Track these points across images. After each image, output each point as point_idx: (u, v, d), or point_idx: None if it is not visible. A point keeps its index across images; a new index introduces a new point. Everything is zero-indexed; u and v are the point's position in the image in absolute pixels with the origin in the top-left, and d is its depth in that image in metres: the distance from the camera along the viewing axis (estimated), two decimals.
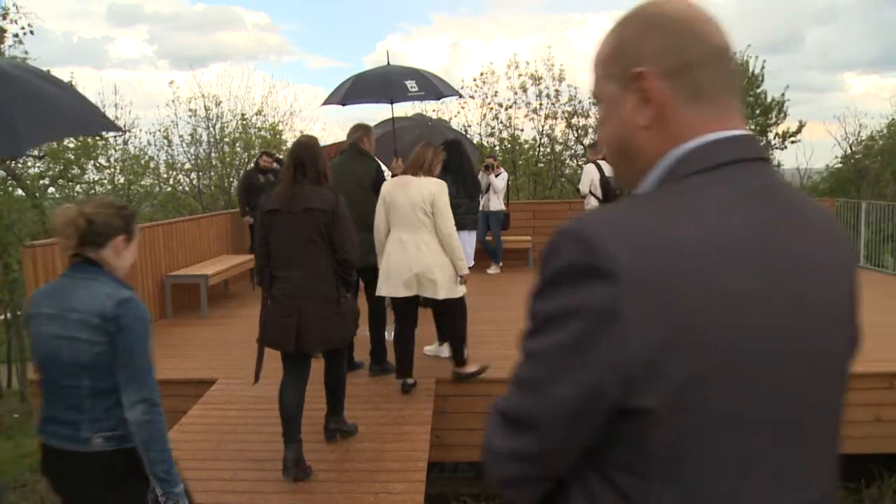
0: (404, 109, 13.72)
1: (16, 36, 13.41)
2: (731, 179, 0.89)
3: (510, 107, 17.22)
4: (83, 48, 57.25)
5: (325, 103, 6.26)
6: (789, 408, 0.88)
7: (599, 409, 0.84)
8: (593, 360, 0.82)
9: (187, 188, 16.89)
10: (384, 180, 5.10)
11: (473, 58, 59.84)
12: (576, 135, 17.16)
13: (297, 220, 3.68)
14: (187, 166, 16.58)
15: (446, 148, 5.32)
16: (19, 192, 14.21)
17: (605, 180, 7.94)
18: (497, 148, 16.98)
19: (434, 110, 15.85)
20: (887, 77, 69.06)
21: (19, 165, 13.21)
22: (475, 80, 17.18)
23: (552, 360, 0.85)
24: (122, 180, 16.06)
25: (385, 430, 4.37)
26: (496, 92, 17.24)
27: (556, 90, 16.87)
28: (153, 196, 16.45)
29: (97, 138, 14.21)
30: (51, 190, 15.54)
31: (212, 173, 16.42)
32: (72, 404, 2.18)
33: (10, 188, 13.90)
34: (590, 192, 8.16)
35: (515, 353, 0.93)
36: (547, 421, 0.87)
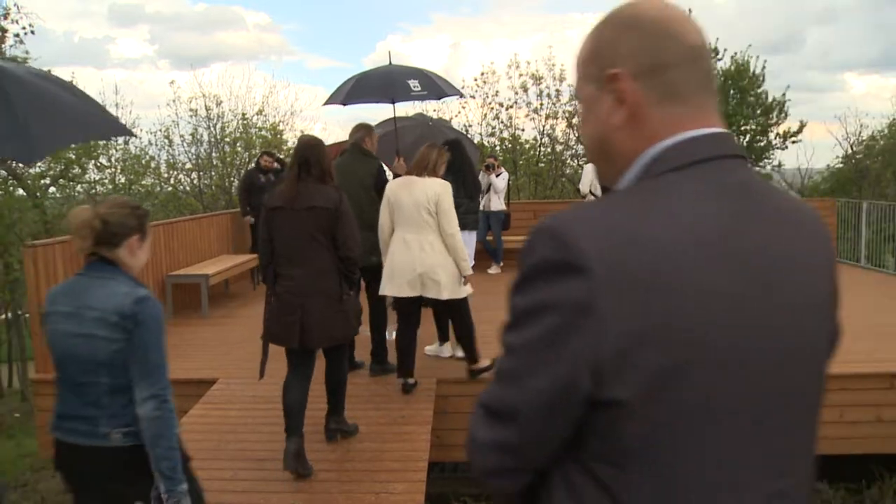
0: (405, 109, 13.72)
1: (17, 36, 13.47)
2: (707, 176, 0.90)
3: (511, 107, 17.25)
4: (84, 48, 57.37)
5: (327, 103, 6.25)
6: (761, 401, 0.89)
7: (574, 401, 0.86)
8: (567, 352, 0.84)
9: (188, 188, 16.91)
10: (386, 180, 5.10)
11: (474, 58, 59.96)
12: (576, 135, 17.13)
13: (301, 218, 3.70)
14: (188, 166, 16.61)
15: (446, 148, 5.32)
16: (20, 191, 14.23)
17: None
18: (498, 148, 16.99)
19: (435, 110, 15.90)
20: (888, 77, 69.06)
21: (20, 165, 13.20)
22: (476, 79, 17.23)
23: (529, 353, 0.88)
24: (122, 180, 16.09)
25: (385, 430, 4.37)
26: (497, 92, 17.28)
27: (557, 90, 16.88)
28: (154, 196, 16.46)
29: None
30: (52, 189, 15.57)
31: (212, 173, 16.44)
32: (90, 401, 2.21)
33: (12, 188, 13.92)
34: (590, 191, 8.15)
35: None
36: (525, 413, 0.89)
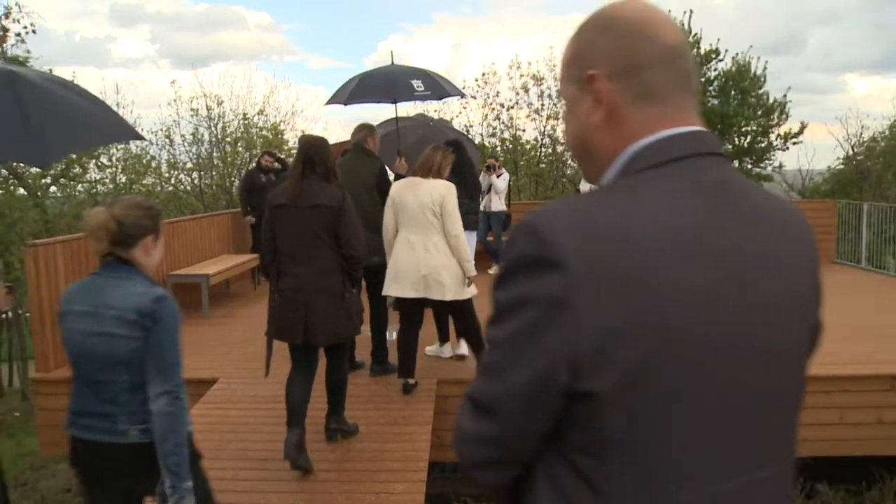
0: (406, 110, 13.75)
1: (18, 35, 13.50)
2: (684, 174, 0.91)
3: (512, 107, 17.25)
4: (85, 48, 57.43)
5: (330, 102, 6.24)
6: (739, 395, 0.90)
7: (553, 394, 0.88)
8: (545, 346, 0.86)
9: (189, 188, 16.93)
10: (388, 180, 5.11)
11: (475, 58, 60.08)
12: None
13: (304, 216, 3.72)
14: (189, 166, 16.63)
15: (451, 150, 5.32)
16: (21, 190, 14.25)
17: None
18: (499, 148, 17.00)
19: (436, 110, 15.90)
20: (889, 78, 69.07)
21: (21, 164, 13.21)
22: (477, 80, 17.24)
23: (509, 347, 0.89)
24: (123, 179, 16.09)
25: (386, 430, 4.38)
26: (498, 92, 17.29)
27: (558, 91, 16.84)
28: (155, 195, 16.46)
29: None
30: (52, 189, 15.58)
31: (213, 173, 16.45)
32: (108, 398, 2.23)
33: (12, 187, 13.93)
34: (590, 192, 8.16)
35: None
36: (506, 405, 0.92)
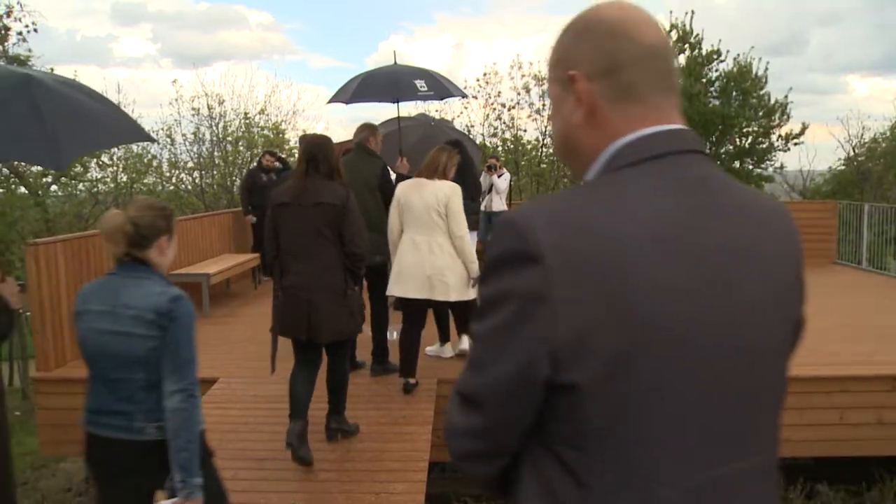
0: (407, 109, 13.72)
1: (20, 34, 13.48)
2: (665, 171, 0.93)
3: (513, 107, 17.22)
4: (87, 46, 57.50)
5: (332, 101, 6.23)
6: (719, 390, 0.91)
7: (534, 386, 0.89)
8: (525, 339, 0.87)
9: (190, 187, 16.93)
10: (390, 180, 5.11)
11: (477, 58, 60.09)
12: None
13: (308, 214, 3.74)
14: (190, 165, 16.63)
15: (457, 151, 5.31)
16: (22, 189, 14.25)
17: None
18: (500, 148, 16.98)
19: (437, 110, 15.87)
20: (891, 79, 69.05)
21: (22, 164, 13.22)
22: (478, 80, 17.20)
23: (492, 340, 0.92)
24: (124, 179, 16.09)
25: (386, 430, 4.38)
26: (499, 92, 17.26)
27: None
28: (156, 195, 16.45)
29: None
30: (53, 188, 15.58)
31: (214, 172, 16.45)
32: (124, 396, 2.27)
33: (13, 186, 13.93)
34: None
35: None
36: (490, 398, 0.94)
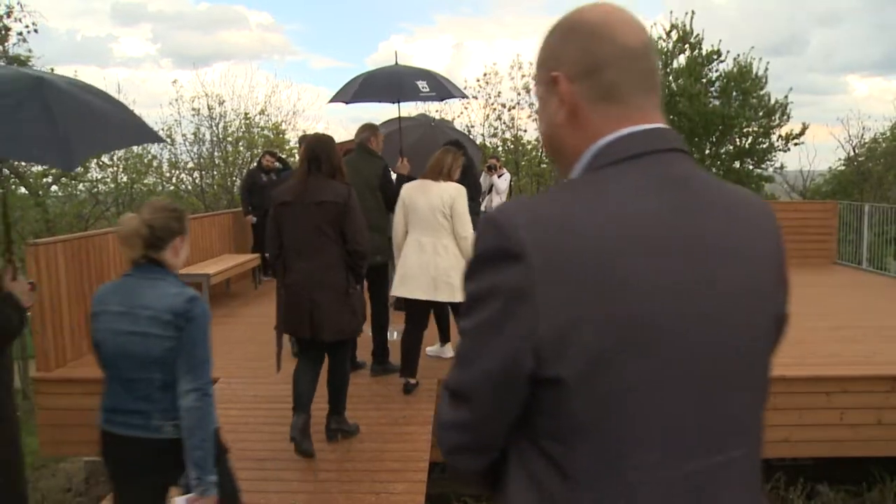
0: (408, 110, 13.72)
1: (20, 34, 13.46)
2: (647, 170, 0.94)
3: (513, 107, 17.24)
4: (87, 47, 57.51)
5: (333, 101, 6.22)
6: (703, 388, 0.92)
7: (519, 380, 0.91)
8: (508, 334, 0.89)
9: (190, 187, 16.92)
10: (391, 180, 5.11)
11: (477, 58, 60.08)
12: None
13: (310, 212, 3.76)
14: (190, 165, 16.61)
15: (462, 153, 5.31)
16: (22, 189, 14.24)
17: None
18: (500, 149, 16.99)
19: (437, 111, 15.87)
20: (891, 80, 69.05)
21: (22, 163, 13.22)
22: (478, 80, 17.22)
23: (477, 336, 0.94)
24: (124, 179, 16.08)
25: (386, 430, 4.38)
26: (499, 93, 17.28)
27: None
28: (156, 195, 16.45)
29: None
30: (54, 188, 15.57)
31: (214, 172, 16.44)
32: (142, 395, 2.29)
33: (14, 186, 13.92)
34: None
35: None
36: (477, 392, 0.96)
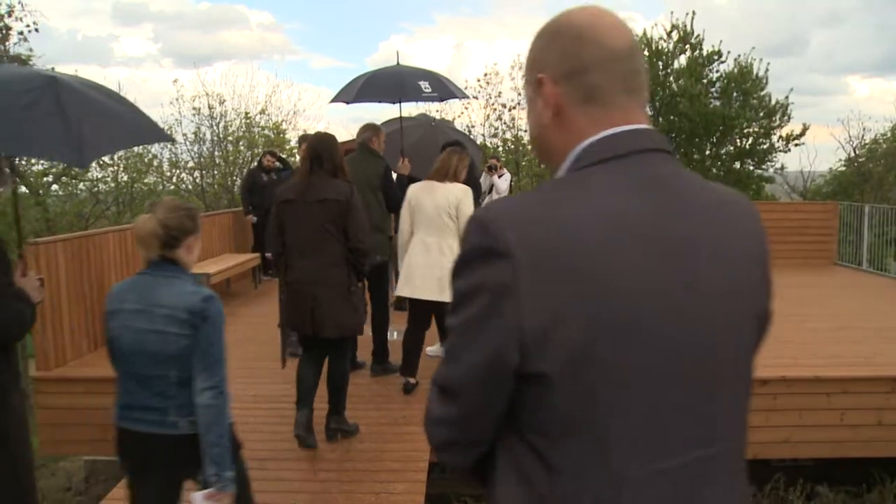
0: (408, 110, 13.68)
1: (21, 34, 13.47)
2: (630, 170, 0.96)
3: (514, 107, 17.28)
4: (88, 46, 57.40)
5: (335, 100, 6.21)
6: (684, 384, 0.94)
7: (505, 375, 0.93)
8: (493, 330, 0.91)
9: (190, 186, 16.93)
10: (392, 180, 5.12)
11: (477, 58, 60.07)
12: None
13: (312, 210, 3.79)
14: (191, 164, 16.64)
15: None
16: (23, 188, 14.24)
17: None
18: (500, 149, 17.01)
19: (438, 111, 15.90)
20: (891, 80, 69.03)
21: (23, 162, 13.22)
22: (479, 80, 17.29)
23: (464, 332, 0.95)
24: (125, 178, 16.09)
25: (386, 430, 4.38)
26: (500, 93, 17.36)
27: None
28: (156, 194, 16.41)
29: None
30: (54, 187, 15.58)
31: (215, 172, 16.46)
32: (158, 392, 2.31)
33: (14, 185, 13.89)
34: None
35: None
36: (464, 387, 0.98)
